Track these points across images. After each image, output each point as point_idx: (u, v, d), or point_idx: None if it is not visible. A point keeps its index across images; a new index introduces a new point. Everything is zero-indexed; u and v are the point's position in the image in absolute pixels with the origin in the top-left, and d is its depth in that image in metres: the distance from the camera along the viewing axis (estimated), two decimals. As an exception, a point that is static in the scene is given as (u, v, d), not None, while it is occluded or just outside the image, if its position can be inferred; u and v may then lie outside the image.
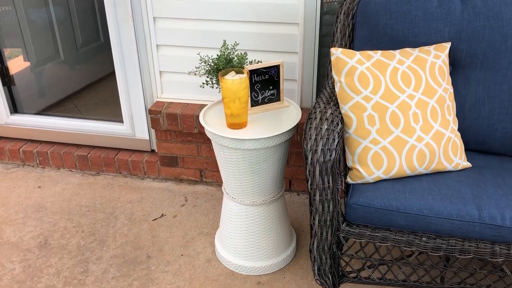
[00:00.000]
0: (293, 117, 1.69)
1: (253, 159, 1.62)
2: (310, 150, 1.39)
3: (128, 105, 2.34)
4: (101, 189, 2.39)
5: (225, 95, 1.57)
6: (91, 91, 3.19)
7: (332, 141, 1.39)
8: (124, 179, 2.46)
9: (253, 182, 1.69)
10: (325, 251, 1.50)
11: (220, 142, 1.60)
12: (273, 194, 1.76)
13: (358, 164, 1.48)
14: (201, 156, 2.32)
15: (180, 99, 2.30)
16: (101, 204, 2.27)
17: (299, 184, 2.28)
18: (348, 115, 1.49)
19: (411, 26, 1.64)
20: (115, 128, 2.43)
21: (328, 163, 1.39)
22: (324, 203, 1.42)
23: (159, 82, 2.29)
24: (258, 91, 1.69)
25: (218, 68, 1.65)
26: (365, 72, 1.48)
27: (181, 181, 2.42)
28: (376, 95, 1.47)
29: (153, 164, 2.41)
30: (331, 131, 1.41)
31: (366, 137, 1.47)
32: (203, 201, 2.27)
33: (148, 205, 2.26)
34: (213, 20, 2.09)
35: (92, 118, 2.52)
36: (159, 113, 2.22)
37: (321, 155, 1.38)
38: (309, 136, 1.41)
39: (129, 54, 2.21)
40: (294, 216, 2.16)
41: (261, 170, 1.66)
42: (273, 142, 1.59)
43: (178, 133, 2.28)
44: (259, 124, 1.65)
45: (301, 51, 2.07)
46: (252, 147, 1.57)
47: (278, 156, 1.67)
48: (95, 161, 2.47)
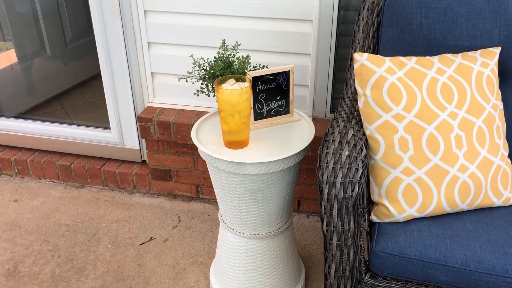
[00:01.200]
0: (305, 134, 1.39)
1: (256, 185, 1.33)
2: (327, 182, 1.10)
3: (116, 110, 2.06)
4: (84, 204, 2.11)
5: (222, 108, 1.28)
6: (81, 90, 2.91)
7: (354, 172, 1.10)
8: (111, 193, 2.18)
9: (255, 211, 1.40)
10: (342, 306, 1.21)
11: (215, 164, 1.31)
12: (279, 224, 1.47)
13: (386, 199, 1.19)
14: (197, 170, 2.04)
15: (174, 105, 2.01)
16: (83, 223, 2.00)
17: (309, 204, 1.99)
18: (374, 137, 1.19)
19: (452, 26, 1.34)
20: (102, 136, 2.15)
21: (349, 200, 1.10)
22: (343, 249, 1.13)
23: (150, 84, 2.00)
24: (263, 102, 1.40)
25: (215, 73, 1.36)
26: (396, 84, 1.19)
27: (175, 197, 2.14)
28: (410, 113, 1.17)
29: (144, 177, 2.12)
30: (354, 158, 1.12)
31: (397, 166, 1.17)
32: (199, 222, 1.99)
33: (136, 225, 1.98)
34: (213, 15, 1.80)
35: (77, 123, 2.24)
36: (150, 121, 1.93)
37: (341, 190, 1.09)
38: (325, 164, 1.12)
39: (116, 53, 1.93)
40: (302, 243, 1.87)
41: (265, 198, 1.37)
42: (281, 166, 1.30)
43: (171, 143, 1.99)
44: (263, 142, 1.36)
45: (315, 53, 1.77)
46: (255, 172, 1.28)
47: (286, 182, 1.38)
48: (79, 172, 2.19)
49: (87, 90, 2.90)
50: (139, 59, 1.95)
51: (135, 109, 2.04)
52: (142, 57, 1.95)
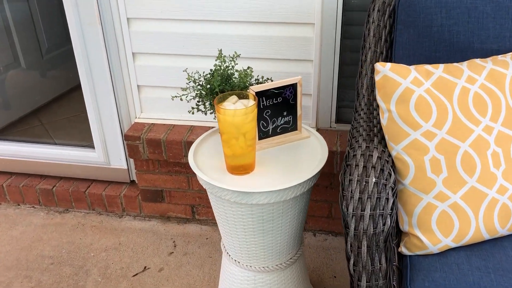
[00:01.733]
0: (317, 153, 1.24)
1: (265, 215, 1.17)
2: (353, 216, 0.95)
3: (100, 128, 1.88)
4: (69, 232, 1.93)
5: (224, 130, 1.11)
6: (61, 104, 2.72)
7: (385, 202, 0.95)
8: (99, 218, 2.00)
9: (265, 243, 1.24)
10: None
11: (218, 194, 1.15)
12: (291, 254, 1.32)
13: (418, 228, 1.04)
14: (192, 190, 1.87)
15: (164, 119, 1.84)
16: (69, 253, 1.81)
17: (316, 221, 1.84)
18: (402, 159, 1.04)
19: (477, 27, 1.19)
20: (86, 156, 1.97)
21: (380, 236, 0.94)
22: (374, 291, 0.98)
23: (137, 99, 1.83)
24: (268, 119, 1.25)
25: (213, 89, 1.20)
26: (424, 97, 1.04)
27: (168, 220, 1.97)
28: (442, 130, 1.03)
29: (133, 199, 1.95)
30: (383, 186, 0.97)
31: (429, 191, 1.02)
32: (196, 247, 1.83)
33: (127, 253, 1.80)
34: (203, 20, 1.63)
35: (58, 142, 2.06)
36: (138, 139, 1.76)
37: (370, 224, 0.94)
38: (350, 194, 0.96)
39: (97, 66, 1.75)
40: (311, 266, 1.72)
41: (275, 228, 1.21)
42: (293, 193, 1.14)
43: (162, 162, 1.82)
44: (271, 165, 1.20)
45: (317, 58, 1.62)
46: (264, 201, 1.12)
47: (298, 208, 1.22)
48: (62, 195, 2.01)
49: (67, 103, 2.71)
50: (124, 71, 1.78)
51: (121, 126, 1.86)
52: (126, 69, 1.77)
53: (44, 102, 2.68)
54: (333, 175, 1.71)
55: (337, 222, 1.82)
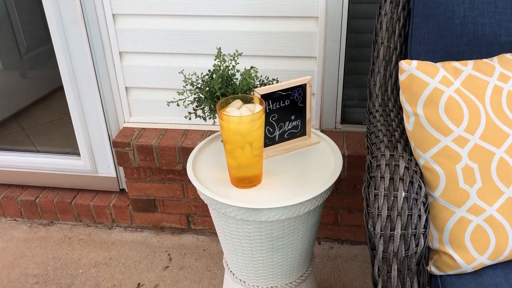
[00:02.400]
0: (329, 161, 1.12)
1: (275, 233, 1.05)
2: (382, 236, 0.83)
3: (85, 134, 1.74)
4: (55, 246, 1.78)
5: (228, 138, 0.99)
6: (43, 107, 2.56)
7: (417, 220, 0.83)
8: (87, 230, 1.86)
9: (274, 262, 1.12)
10: None
11: (222, 210, 1.03)
12: (301, 272, 1.20)
13: (450, 246, 0.93)
14: (187, 198, 1.74)
15: (156, 123, 1.70)
16: (55, 271, 1.67)
17: (321, 229, 1.73)
18: (431, 168, 0.92)
19: (505, 18, 1.08)
20: (71, 164, 1.83)
21: (412, 258, 0.83)
22: (405, 321, 0.87)
23: (125, 102, 1.69)
24: (274, 124, 1.12)
25: (213, 93, 1.07)
26: (455, 98, 0.92)
27: (162, 230, 1.84)
28: (475, 135, 0.91)
29: (124, 210, 1.81)
30: (413, 201, 0.85)
31: (462, 203, 0.91)
32: (193, 260, 1.70)
33: (119, 269, 1.67)
34: (196, 16, 1.50)
35: (41, 150, 1.91)
36: (128, 146, 1.62)
37: (402, 246, 0.82)
38: (377, 211, 0.84)
39: (81, 67, 1.60)
40: (318, 278, 1.60)
41: (285, 245, 1.09)
42: (306, 208, 1.02)
43: (155, 170, 1.69)
44: (279, 176, 1.08)
45: (321, 55, 1.49)
46: (274, 218, 1.00)
47: (311, 224, 1.10)
48: (46, 207, 1.86)
49: (50, 106, 2.55)
50: (110, 72, 1.63)
51: (109, 131, 1.72)
52: (113, 69, 1.63)
53: (25, 105, 2.52)
54: (340, 180, 1.59)
55: (343, 229, 1.70)
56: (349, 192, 1.61)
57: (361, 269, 1.62)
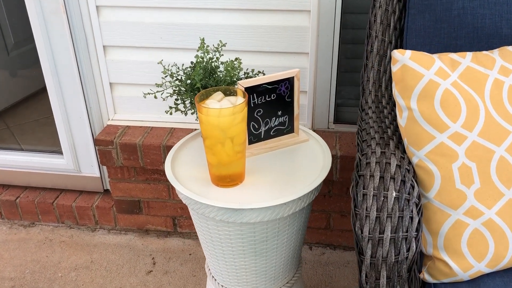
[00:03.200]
0: (318, 160, 1.05)
1: (258, 236, 0.98)
2: (370, 240, 0.76)
3: (68, 132, 1.67)
4: (35, 248, 1.71)
5: (207, 133, 0.92)
6: (29, 105, 2.49)
7: (409, 222, 0.76)
8: (69, 232, 1.78)
9: (257, 267, 1.05)
10: None
11: (201, 211, 0.95)
12: (287, 278, 1.13)
13: (445, 251, 0.85)
14: (173, 200, 1.67)
15: (141, 121, 1.63)
16: (33, 274, 1.60)
17: (312, 233, 1.65)
18: (425, 167, 0.85)
19: (506, 9, 1.01)
20: (53, 163, 1.75)
21: (403, 264, 0.75)
22: (395, 333, 0.79)
23: (109, 98, 1.62)
24: (259, 119, 1.05)
25: (194, 85, 1.00)
26: (451, 92, 0.85)
27: (147, 233, 1.77)
28: (473, 131, 0.84)
29: (107, 211, 1.74)
30: (405, 201, 0.78)
31: (459, 206, 0.84)
32: (178, 264, 1.62)
33: (100, 273, 1.59)
34: (184, 8, 1.43)
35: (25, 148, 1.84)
36: (111, 144, 1.55)
37: (391, 250, 0.75)
38: (365, 213, 0.77)
39: (63, 61, 1.54)
40: (308, 284, 1.53)
41: (269, 250, 1.02)
42: (291, 209, 0.95)
43: (139, 169, 1.62)
44: (264, 175, 1.01)
45: (314, 51, 1.43)
46: (257, 219, 0.93)
47: (297, 226, 1.03)
48: (27, 207, 1.79)
49: (36, 105, 2.48)
50: (94, 67, 1.57)
51: (92, 128, 1.65)
52: (97, 64, 1.56)
53: (11, 103, 2.45)
54: (332, 182, 1.52)
55: (335, 234, 1.63)
56: (342, 195, 1.54)
57: (354, 276, 1.55)
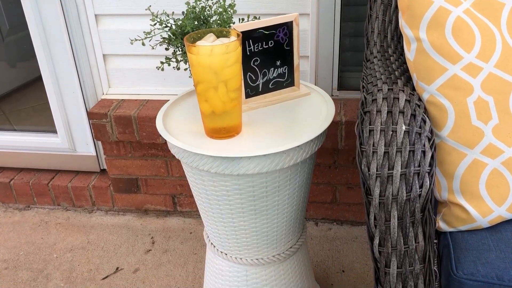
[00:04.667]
0: (321, 111, 0.97)
1: (257, 190, 0.91)
2: (378, 177, 0.68)
3: (62, 108, 1.61)
4: (30, 231, 1.64)
5: (199, 77, 0.85)
6: (26, 92, 2.43)
7: (421, 156, 0.69)
8: (65, 214, 1.72)
9: (257, 228, 0.97)
10: None
11: (194, 164, 0.88)
12: (291, 243, 1.05)
13: (462, 195, 0.78)
14: (172, 176, 1.60)
15: (136, 94, 1.57)
16: (27, 255, 1.53)
17: (317, 209, 1.58)
18: (437, 102, 0.78)
19: None
20: (47, 142, 1.69)
21: (416, 203, 0.68)
22: (408, 281, 0.72)
23: (103, 71, 1.55)
24: (256, 70, 0.98)
25: (184, 31, 0.93)
26: (464, 20, 0.78)
27: (146, 213, 1.70)
28: (489, 62, 0.77)
29: (104, 191, 1.67)
30: (416, 135, 0.70)
31: (476, 144, 0.76)
32: (178, 243, 1.55)
33: (96, 253, 1.53)
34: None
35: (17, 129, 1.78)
36: (105, 117, 1.49)
37: (402, 187, 0.67)
38: (372, 149, 0.70)
39: (54, 32, 1.48)
40: (314, 259, 1.45)
41: (270, 207, 0.94)
42: (292, 159, 0.87)
43: (135, 144, 1.55)
44: (262, 127, 0.94)
45: (315, 12, 1.36)
46: (255, 170, 0.85)
47: (299, 182, 0.96)
48: (22, 190, 1.73)
49: (33, 92, 2.43)
50: (86, 38, 1.51)
51: (86, 104, 1.59)
52: (89, 35, 1.50)
53: (7, 90, 2.39)
54: (337, 151, 1.44)
55: (342, 208, 1.55)
56: (348, 166, 1.47)
57: (362, 251, 1.47)
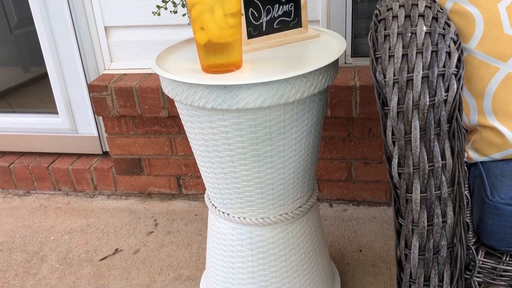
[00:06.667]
0: (332, 49, 0.88)
1: (259, 131, 0.81)
2: (395, 83, 0.58)
3: (62, 86, 1.54)
4: (28, 215, 1.56)
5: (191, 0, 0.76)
6: (34, 86, 2.38)
7: (446, 57, 0.59)
8: (65, 199, 1.64)
9: (261, 180, 0.87)
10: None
11: (188, 100, 0.79)
12: (299, 201, 0.94)
13: (494, 115, 0.67)
14: (176, 155, 1.51)
15: (140, 69, 1.50)
16: (23, 238, 1.45)
17: (331, 188, 1.47)
18: (462, 10, 0.68)
19: None
20: (48, 123, 1.63)
21: (441, 110, 0.57)
22: (434, 207, 0.60)
23: (105, 44, 1.49)
24: (259, 5, 0.89)
25: (181, -39, 0.86)
26: None
27: (150, 197, 1.61)
28: (522, -37, 0.67)
29: (106, 173, 1.59)
30: (439, 36, 0.60)
31: (509, 55, 0.66)
32: (183, 225, 1.45)
33: (96, 235, 1.43)
34: None
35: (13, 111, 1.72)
36: (105, 89, 1.41)
37: (425, 91, 0.57)
38: (387, 53, 0.60)
39: (54, 3, 1.42)
40: (329, 239, 1.34)
41: (275, 154, 0.84)
42: (297, 92, 0.77)
43: (137, 120, 1.47)
44: (265, 64, 0.84)
45: (325, -30, 1.28)
46: (256, 102, 0.76)
47: (308, 123, 0.85)
48: (22, 174, 1.65)
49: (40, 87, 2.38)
50: (87, 8, 1.45)
51: (88, 81, 1.52)
52: (90, 5, 1.44)
53: (14, 84, 2.35)
54: (352, 121, 1.34)
55: (358, 187, 1.44)
56: (364, 138, 1.36)
57: (381, 230, 1.35)
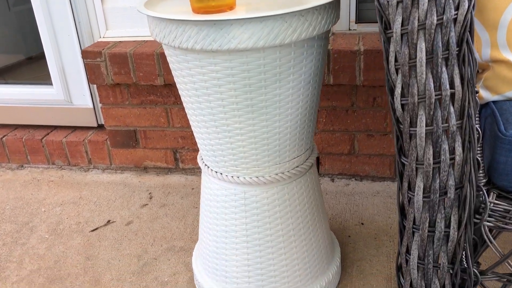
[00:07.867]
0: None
1: (252, 76, 0.75)
2: (399, 3, 0.52)
3: (56, 53, 1.49)
4: (20, 187, 1.52)
5: None
6: (32, 64, 2.34)
7: (456, -28, 0.52)
8: (59, 172, 1.59)
9: (255, 132, 0.81)
10: (441, 269, 0.61)
11: (177, 42, 0.73)
12: (296, 160, 0.89)
13: (509, 48, 0.61)
14: (173, 127, 1.46)
15: (135, 36, 1.44)
16: (13, 209, 1.40)
17: (333, 162, 1.41)
18: None
19: None
20: (41, 93, 1.58)
21: (450, 31, 0.51)
22: (441, 143, 0.54)
23: (100, 11, 1.44)
24: (256, -52, 0.83)
25: None
26: None
27: (145, 171, 1.55)
28: None
29: (101, 146, 1.54)
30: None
31: (527, -19, 0.60)
32: (178, 198, 1.40)
33: (88, 207, 1.38)
34: None
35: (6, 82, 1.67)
36: (99, 56, 1.36)
37: (432, 9, 0.51)
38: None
39: (47, -36, 1.37)
40: (330, 213, 1.28)
41: (269, 104, 0.79)
42: (294, 32, 0.72)
43: (132, 88, 1.42)
44: (260, 5, 0.79)
45: None
46: (249, 42, 0.70)
47: (305, 74, 0.80)
48: (14, 147, 1.61)
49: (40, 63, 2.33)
50: (81, -28, 1.40)
51: (82, 47, 1.47)
52: (84, -31, 1.39)
53: (12, 62, 2.30)
54: (356, 90, 1.28)
55: (361, 161, 1.38)
56: (368, 108, 1.30)
57: (385, 204, 1.29)
